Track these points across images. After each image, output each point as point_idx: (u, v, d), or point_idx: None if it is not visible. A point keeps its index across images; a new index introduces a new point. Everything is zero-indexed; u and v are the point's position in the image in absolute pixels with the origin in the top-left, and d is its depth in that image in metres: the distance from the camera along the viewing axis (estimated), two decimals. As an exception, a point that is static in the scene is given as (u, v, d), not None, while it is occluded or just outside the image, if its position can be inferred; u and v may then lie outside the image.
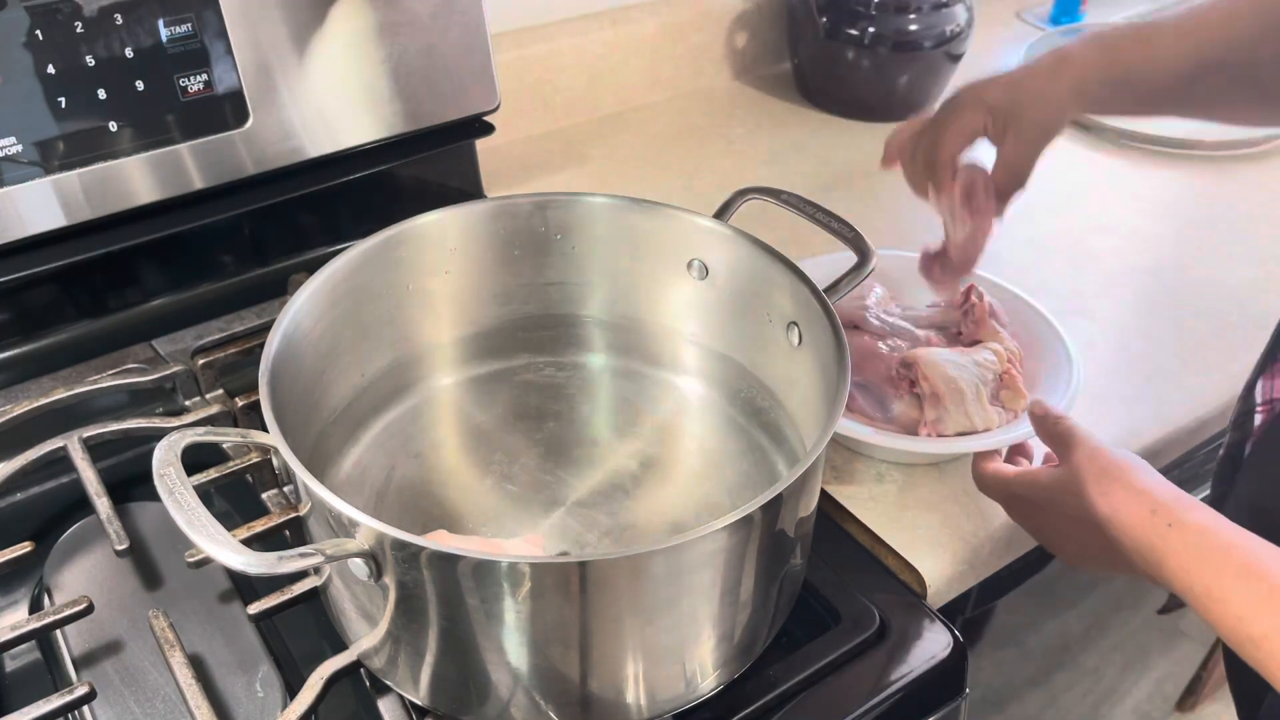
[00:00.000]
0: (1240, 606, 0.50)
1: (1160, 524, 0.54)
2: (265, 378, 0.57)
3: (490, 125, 0.94)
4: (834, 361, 0.60)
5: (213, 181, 0.80)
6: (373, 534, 0.50)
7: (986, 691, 0.98)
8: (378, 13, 0.82)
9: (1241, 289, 0.95)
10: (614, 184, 1.08)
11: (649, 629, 0.53)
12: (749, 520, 0.51)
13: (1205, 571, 0.52)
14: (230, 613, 0.66)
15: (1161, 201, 1.10)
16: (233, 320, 0.84)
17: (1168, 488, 0.56)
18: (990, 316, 0.79)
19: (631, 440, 0.72)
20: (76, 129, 0.73)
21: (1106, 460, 0.59)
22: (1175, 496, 0.55)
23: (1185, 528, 0.53)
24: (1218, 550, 0.52)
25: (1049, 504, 0.62)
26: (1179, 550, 0.53)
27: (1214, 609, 0.51)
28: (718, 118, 1.22)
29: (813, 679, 0.61)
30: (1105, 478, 0.58)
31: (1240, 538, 0.52)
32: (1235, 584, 0.50)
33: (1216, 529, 0.53)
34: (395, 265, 0.70)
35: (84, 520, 0.71)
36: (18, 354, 0.80)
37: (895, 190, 1.05)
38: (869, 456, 0.76)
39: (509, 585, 0.49)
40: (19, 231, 0.74)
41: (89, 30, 0.72)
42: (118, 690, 0.62)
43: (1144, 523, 0.55)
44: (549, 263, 0.75)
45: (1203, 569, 0.52)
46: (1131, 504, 0.56)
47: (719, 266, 0.72)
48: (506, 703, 0.55)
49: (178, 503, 0.49)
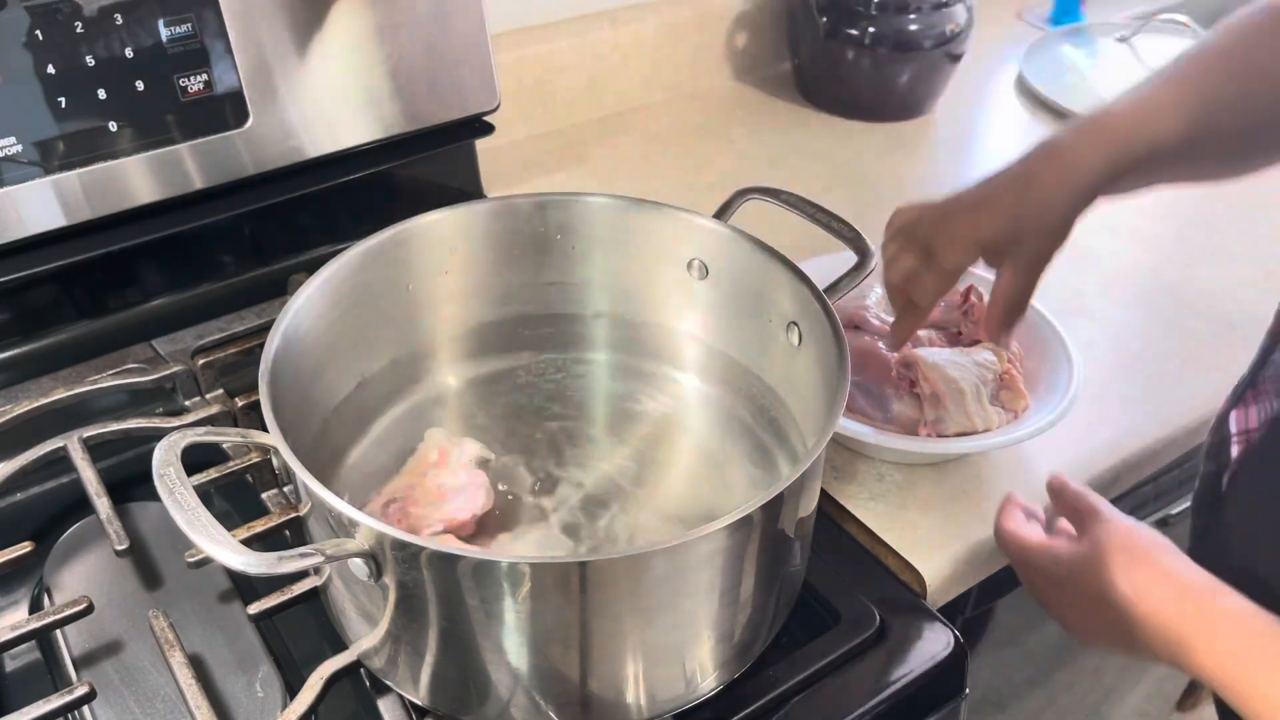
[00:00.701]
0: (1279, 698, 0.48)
1: (1189, 610, 0.52)
2: (265, 378, 0.57)
3: (490, 125, 0.94)
4: (834, 361, 0.60)
5: (213, 181, 0.80)
6: (373, 534, 0.50)
7: (986, 691, 0.98)
8: (377, 13, 0.82)
9: (1241, 289, 0.95)
10: (614, 184, 1.08)
11: (649, 629, 0.53)
12: (749, 520, 0.51)
13: (1239, 659, 0.50)
14: (230, 613, 0.66)
15: (1161, 201, 1.10)
16: (233, 320, 0.84)
17: (1195, 570, 0.54)
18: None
19: (632, 439, 0.72)
20: (76, 129, 0.73)
21: (1131, 539, 0.57)
22: (1204, 581, 0.53)
23: (1216, 614, 0.51)
24: (1252, 637, 0.50)
25: (1068, 580, 0.59)
26: (1209, 639, 0.51)
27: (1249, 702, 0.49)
28: (718, 118, 1.22)
29: (813, 679, 0.61)
30: (1129, 557, 0.55)
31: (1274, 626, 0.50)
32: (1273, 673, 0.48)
33: (1249, 615, 0.51)
34: (395, 265, 0.70)
35: (84, 520, 0.70)
36: (18, 354, 0.80)
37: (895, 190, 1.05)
38: (869, 456, 0.76)
39: (509, 585, 0.49)
40: (19, 231, 0.74)
41: (89, 30, 0.72)
42: (118, 690, 0.62)
43: (1171, 608, 0.53)
44: (549, 262, 0.75)
45: (1235, 656, 0.50)
46: (1158, 587, 0.54)
47: (719, 266, 0.72)
48: (506, 703, 0.55)
49: (178, 503, 0.49)
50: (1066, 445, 0.76)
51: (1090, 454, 0.77)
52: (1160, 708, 1.30)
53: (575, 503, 0.67)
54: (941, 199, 0.67)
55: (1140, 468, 0.80)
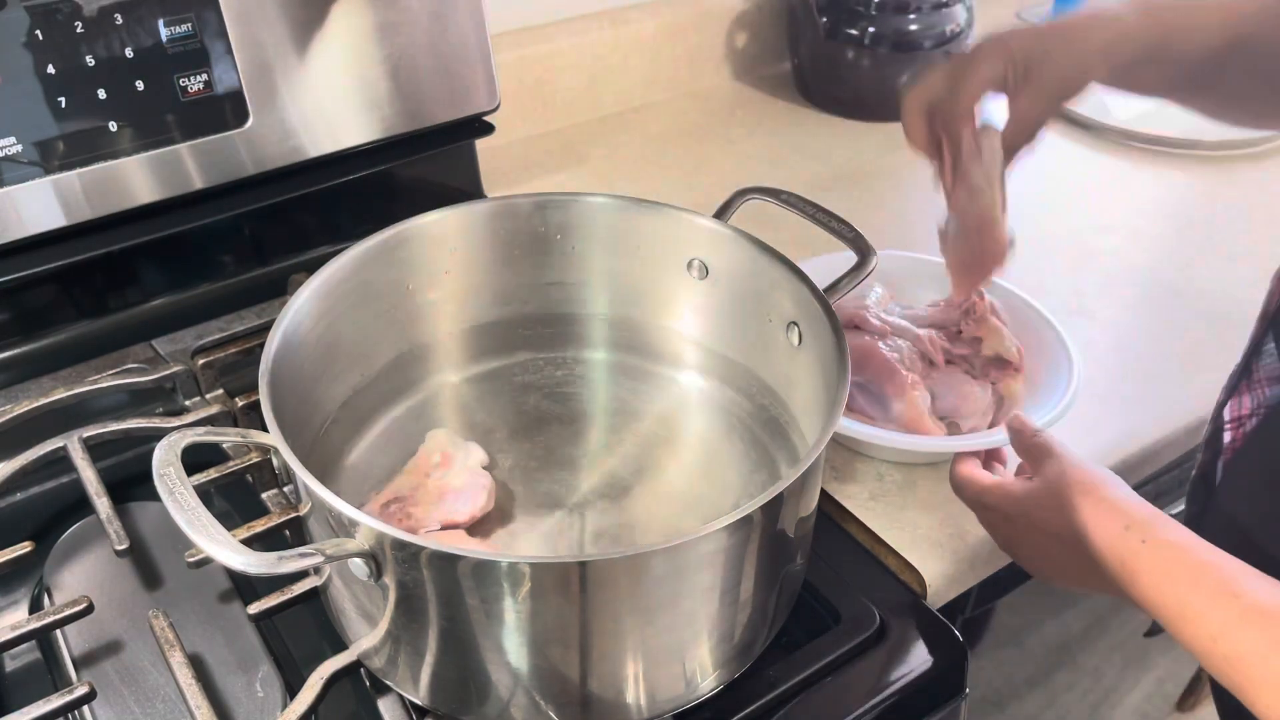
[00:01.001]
0: (1214, 626, 0.49)
1: (1134, 540, 0.54)
2: (265, 378, 0.57)
3: (490, 125, 0.94)
4: (834, 361, 0.60)
5: (213, 181, 0.80)
6: (373, 534, 0.50)
7: (986, 691, 0.98)
8: (378, 13, 0.82)
9: (1241, 289, 0.95)
10: (614, 184, 1.08)
11: (649, 629, 0.53)
12: (749, 520, 0.51)
13: (1179, 589, 0.51)
14: (230, 613, 0.66)
15: (1161, 201, 1.10)
16: (233, 320, 0.84)
17: (1142, 504, 0.56)
18: (991, 314, 0.79)
19: (631, 439, 0.72)
20: (76, 129, 0.73)
21: (1080, 474, 0.58)
22: (1149, 513, 0.55)
23: (1159, 544, 0.53)
24: (1192, 568, 0.51)
25: (1021, 517, 0.61)
26: (1152, 567, 0.53)
27: (1187, 628, 0.51)
28: (718, 118, 1.22)
29: (812, 679, 0.61)
30: (1079, 491, 0.57)
31: (1215, 556, 0.52)
32: (1210, 602, 0.50)
33: (1190, 546, 0.52)
34: (395, 265, 0.70)
35: (84, 520, 0.70)
36: (18, 354, 0.80)
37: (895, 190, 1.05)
38: (869, 456, 0.76)
39: (509, 585, 0.49)
40: (19, 231, 0.74)
41: (89, 30, 0.72)
42: (118, 690, 0.62)
43: (1117, 538, 0.54)
44: (549, 262, 0.75)
45: (1176, 586, 0.51)
46: (1105, 518, 0.55)
47: (719, 266, 0.72)
48: (506, 703, 0.55)
49: (178, 503, 0.49)
50: (1066, 445, 0.76)
51: (1090, 454, 0.76)
52: (1160, 708, 1.30)
53: (575, 502, 0.67)
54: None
55: (1140, 468, 0.80)
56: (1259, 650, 0.48)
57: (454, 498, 0.63)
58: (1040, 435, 0.63)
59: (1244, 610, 0.49)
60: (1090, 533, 0.56)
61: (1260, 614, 0.48)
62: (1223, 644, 0.49)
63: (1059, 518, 0.57)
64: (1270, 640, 0.48)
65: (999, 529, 0.64)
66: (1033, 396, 0.76)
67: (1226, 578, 0.50)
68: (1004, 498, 0.62)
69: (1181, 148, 1.16)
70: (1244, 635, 0.49)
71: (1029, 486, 0.61)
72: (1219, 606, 0.50)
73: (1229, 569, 0.51)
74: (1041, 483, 0.60)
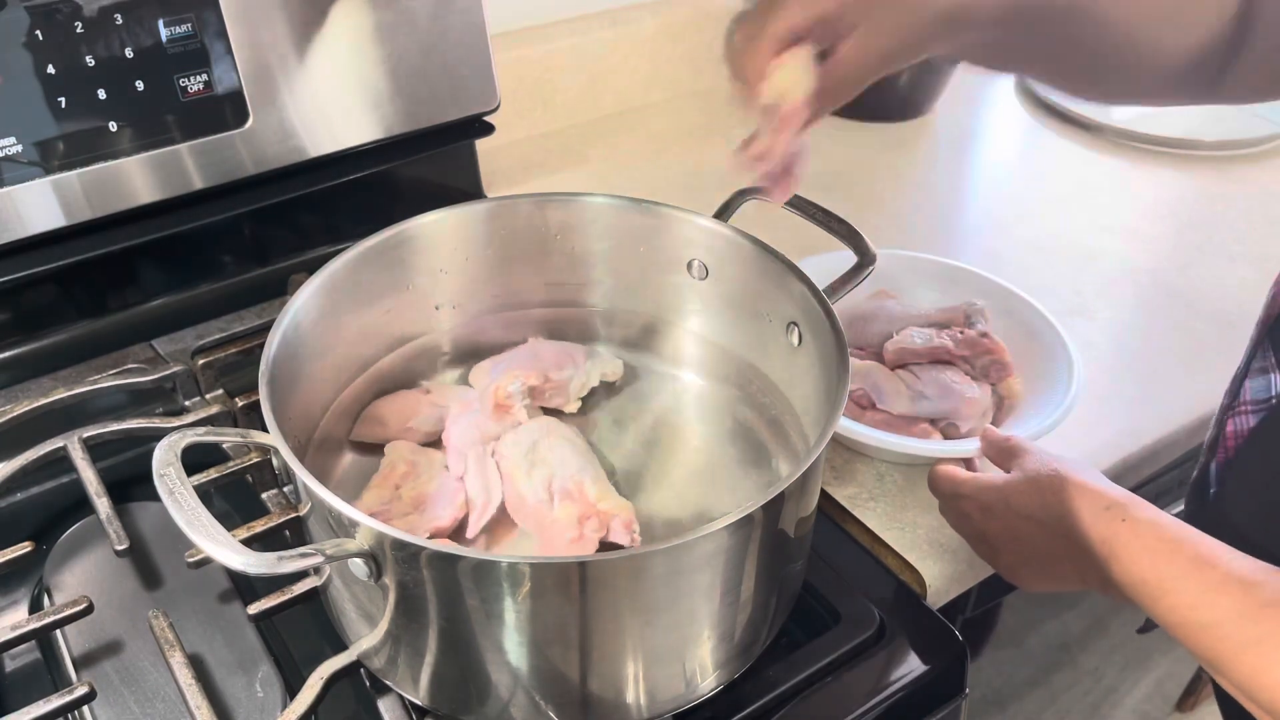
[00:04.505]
0: (1192, 595, 0.51)
1: (1114, 519, 0.55)
2: (265, 378, 0.57)
3: (490, 125, 0.94)
4: (834, 361, 0.60)
5: (213, 181, 0.80)
6: (373, 534, 0.49)
7: (986, 691, 0.98)
8: (378, 13, 0.82)
9: (1241, 289, 0.95)
10: (614, 184, 1.08)
11: (649, 629, 0.53)
12: (749, 520, 0.51)
13: (1158, 562, 0.53)
14: (230, 613, 0.66)
15: (1161, 201, 1.10)
16: (233, 320, 0.84)
17: (1119, 489, 0.58)
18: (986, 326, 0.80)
19: (631, 440, 0.72)
20: (76, 129, 0.73)
21: (1058, 463, 0.60)
22: (1127, 495, 0.57)
23: (1138, 522, 0.55)
24: (1170, 541, 0.53)
25: (1000, 504, 0.62)
26: (1131, 542, 0.54)
27: (1165, 600, 0.52)
28: (718, 118, 1.22)
29: (813, 679, 0.61)
30: (1059, 477, 0.59)
31: (1191, 532, 0.53)
32: (1187, 572, 0.51)
33: (1168, 524, 0.54)
34: (395, 265, 0.70)
35: (84, 520, 0.70)
36: (18, 354, 0.80)
37: (895, 190, 1.05)
38: (869, 456, 0.76)
39: (509, 585, 0.49)
40: (19, 231, 0.74)
41: (89, 30, 0.72)
42: (118, 690, 0.62)
43: (1098, 518, 0.56)
44: (549, 262, 0.75)
45: (1155, 559, 0.53)
46: (1085, 500, 0.57)
47: (719, 266, 0.72)
48: (506, 703, 0.55)
49: (178, 503, 0.49)
50: (1067, 445, 0.76)
51: (1090, 454, 0.77)
52: (1160, 708, 1.30)
53: (575, 503, 0.67)
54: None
55: (1140, 468, 0.80)
56: (1235, 615, 0.49)
57: (432, 503, 0.63)
58: (1013, 438, 0.66)
59: (1221, 578, 0.50)
60: (1072, 514, 0.57)
61: (1237, 581, 0.50)
62: (1201, 611, 0.50)
63: (1038, 502, 0.59)
64: (1247, 604, 0.49)
65: (974, 520, 0.64)
66: (1033, 397, 0.76)
67: (1204, 550, 0.52)
68: (983, 487, 0.64)
69: (1181, 148, 1.16)
70: (1221, 601, 0.50)
71: (1008, 476, 0.63)
72: (1196, 575, 0.51)
73: (1206, 543, 0.52)
74: (1020, 473, 0.62)
